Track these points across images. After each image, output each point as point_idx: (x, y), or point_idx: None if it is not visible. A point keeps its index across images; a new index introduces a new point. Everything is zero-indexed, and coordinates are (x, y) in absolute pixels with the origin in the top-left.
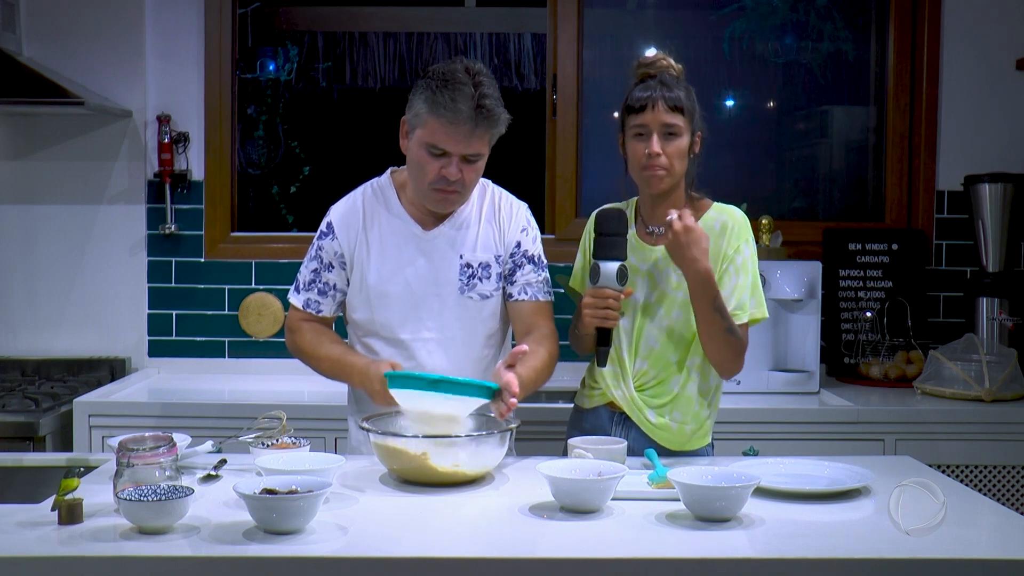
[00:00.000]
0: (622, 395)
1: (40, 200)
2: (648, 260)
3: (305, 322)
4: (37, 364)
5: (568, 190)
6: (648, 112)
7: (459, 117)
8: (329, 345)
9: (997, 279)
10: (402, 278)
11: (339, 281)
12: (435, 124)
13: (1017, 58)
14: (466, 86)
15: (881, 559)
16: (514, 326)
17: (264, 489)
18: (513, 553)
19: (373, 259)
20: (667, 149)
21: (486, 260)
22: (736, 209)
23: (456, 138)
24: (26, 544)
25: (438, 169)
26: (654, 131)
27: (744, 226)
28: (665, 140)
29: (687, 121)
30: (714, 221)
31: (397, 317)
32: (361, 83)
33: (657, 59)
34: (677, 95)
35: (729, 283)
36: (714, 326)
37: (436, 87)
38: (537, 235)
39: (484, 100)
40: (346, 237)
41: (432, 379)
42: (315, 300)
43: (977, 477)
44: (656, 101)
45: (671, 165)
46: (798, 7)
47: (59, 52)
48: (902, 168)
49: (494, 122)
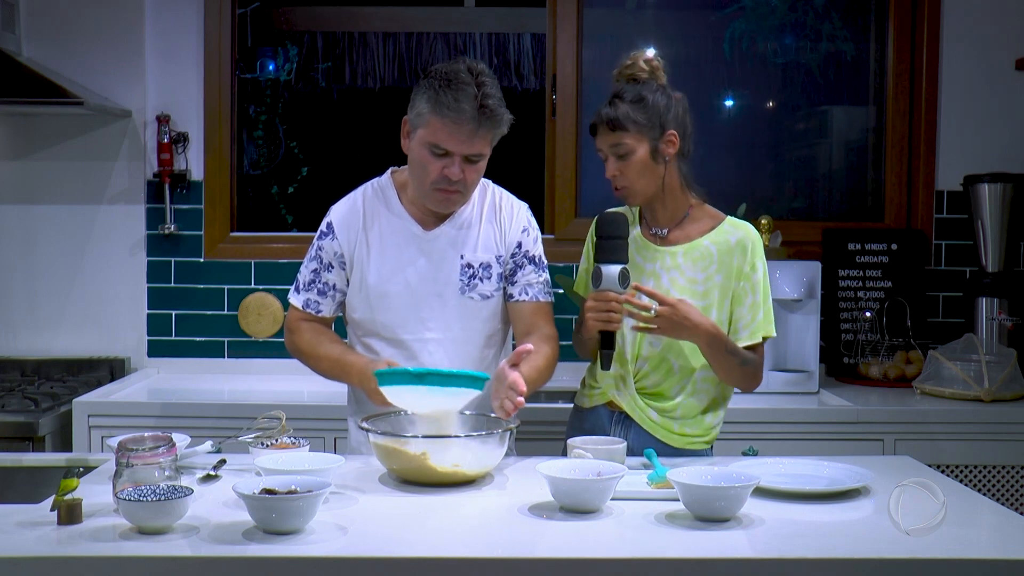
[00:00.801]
0: (623, 395)
1: (40, 200)
2: (654, 260)
3: (304, 322)
4: (37, 364)
5: (568, 190)
6: (598, 137)
7: (462, 117)
8: (328, 345)
9: (996, 279)
10: (402, 278)
11: (339, 281)
12: (438, 124)
13: (1016, 58)
14: (469, 86)
15: (881, 559)
16: (514, 327)
17: (263, 489)
18: (513, 553)
19: (373, 259)
20: (622, 168)
21: (487, 260)
22: (750, 226)
23: (459, 138)
24: (25, 544)
25: (440, 169)
26: (607, 154)
27: (759, 244)
28: (620, 160)
29: (637, 134)
30: (730, 236)
31: (397, 317)
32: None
33: (626, 65)
34: (617, 113)
35: (746, 301)
36: (730, 366)
37: (439, 87)
38: (538, 236)
39: (487, 100)
40: (346, 237)
41: (419, 372)
42: (315, 300)
43: (977, 477)
44: (600, 124)
45: (631, 183)
46: (797, 7)
47: (59, 52)
48: (901, 168)
49: (497, 122)
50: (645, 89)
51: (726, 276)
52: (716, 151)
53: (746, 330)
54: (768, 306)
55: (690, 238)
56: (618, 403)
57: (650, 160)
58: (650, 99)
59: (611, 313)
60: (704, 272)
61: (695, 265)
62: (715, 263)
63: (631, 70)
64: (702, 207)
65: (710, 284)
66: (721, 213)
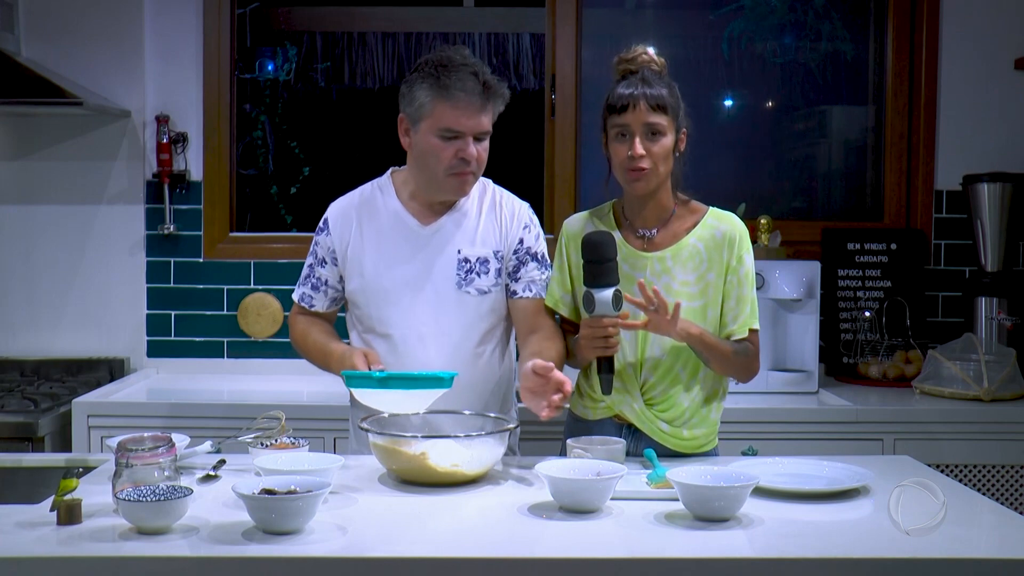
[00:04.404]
0: (630, 409)
1: (39, 200)
2: (643, 268)
3: (300, 315)
4: (36, 364)
5: (567, 190)
6: (630, 112)
7: (471, 96)
8: (316, 334)
9: (996, 279)
10: (399, 273)
11: (331, 277)
12: (446, 108)
13: (1016, 58)
14: (466, 67)
15: (881, 559)
16: (517, 324)
17: (263, 489)
18: (512, 553)
19: (369, 254)
20: (651, 149)
21: (484, 255)
22: (735, 216)
23: (469, 117)
24: (25, 544)
25: (454, 152)
26: (636, 132)
27: (745, 235)
28: (649, 140)
29: (671, 119)
30: (715, 229)
31: (394, 312)
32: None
33: (638, 54)
34: (660, 92)
35: (733, 294)
36: (722, 358)
37: (438, 74)
38: (540, 234)
39: (487, 77)
40: (339, 233)
41: (382, 377)
42: (308, 295)
43: (976, 477)
44: (638, 100)
45: (655, 166)
46: (796, 7)
47: (58, 52)
48: (901, 168)
49: (501, 96)
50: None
51: (718, 273)
52: (715, 151)
53: (735, 323)
54: (753, 297)
55: (676, 237)
56: (625, 417)
57: (671, 150)
58: (676, 92)
59: (608, 339)
60: (696, 272)
61: (685, 266)
62: (705, 261)
63: (640, 62)
64: (685, 204)
65: (704, 283)
66: (703, 205)
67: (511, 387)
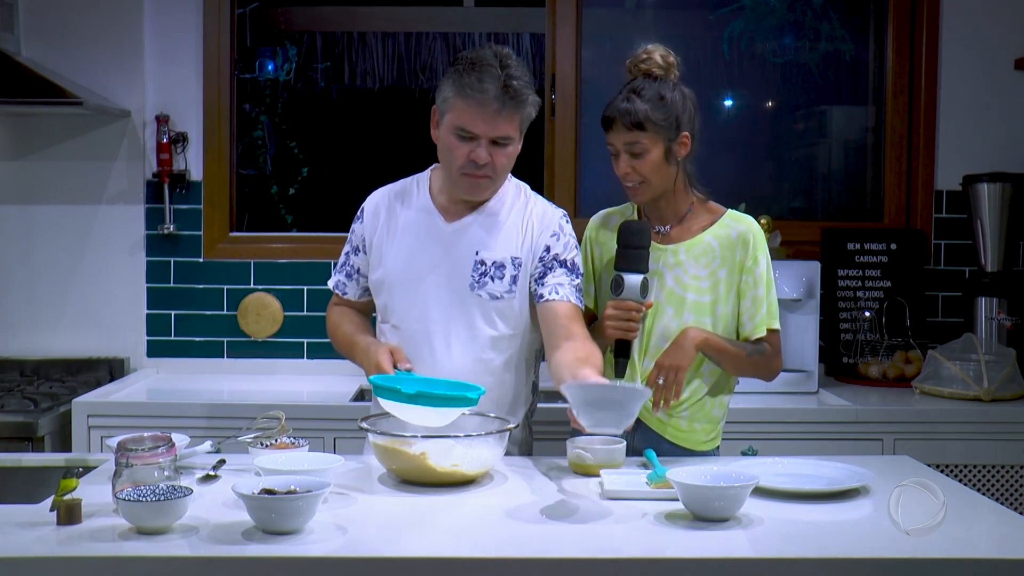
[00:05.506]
0: None
1: (39, 200)
2: (657, 259)
3: (336, 305)
4: (36, 364)
5: (567, 190)
6: (611, 132)
7: (486, 98)
8: (346, 325)
9: (996, 279)
10: (415, 266)
11: (362, 265)
12: (462, 106)
13: (1016, 58)
14: (493, 67)
15: (881, 559)
16: (545, 330)
17: (263, 489)
18: (512, 553)
19: (392, 247)
20: (636, 166)
21: (501, 260)
22: (751, 219)
23: (484, 119)
24: (25, 544)
25: (467, 153)
26: (620, 150)
27: (761, 238)
28: (633, 158)
29: (653, 134)
30: (731, 229)
31: (406, 304)
32: (360, 83)
33: (640, 59)
34: (636, 110)
35: (749, 294)
36: (734, 359)
37: (463, 70)
38: (570, 242)
39: (511, 81)
40: (370, 222)
41: (411, 393)
42: (342, 282)
43: (976, 477)
44: (614, 120)
45: (646, 180)
46: (796, 7)
47: (58, 52)
48: (901, 168)
49: (521, 103)
50: (663, 88)
51: (730, 271)
52: (715, 151)
53: (751, 323)
54: (772, 299)
55: (692, 234)
56: None
57: (663, 161)
58: (668, 98)
59: (631, 323)
60: (707, 268)
61: (697, 262)
62: (718, 258)
63: (647, 64)
64: (703, 203)
65: (715, 279)
66: (721, 207)
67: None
